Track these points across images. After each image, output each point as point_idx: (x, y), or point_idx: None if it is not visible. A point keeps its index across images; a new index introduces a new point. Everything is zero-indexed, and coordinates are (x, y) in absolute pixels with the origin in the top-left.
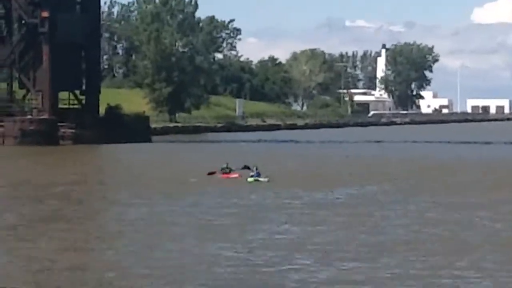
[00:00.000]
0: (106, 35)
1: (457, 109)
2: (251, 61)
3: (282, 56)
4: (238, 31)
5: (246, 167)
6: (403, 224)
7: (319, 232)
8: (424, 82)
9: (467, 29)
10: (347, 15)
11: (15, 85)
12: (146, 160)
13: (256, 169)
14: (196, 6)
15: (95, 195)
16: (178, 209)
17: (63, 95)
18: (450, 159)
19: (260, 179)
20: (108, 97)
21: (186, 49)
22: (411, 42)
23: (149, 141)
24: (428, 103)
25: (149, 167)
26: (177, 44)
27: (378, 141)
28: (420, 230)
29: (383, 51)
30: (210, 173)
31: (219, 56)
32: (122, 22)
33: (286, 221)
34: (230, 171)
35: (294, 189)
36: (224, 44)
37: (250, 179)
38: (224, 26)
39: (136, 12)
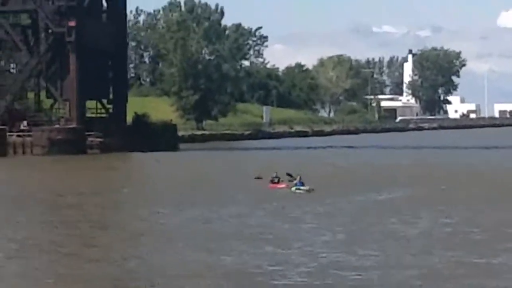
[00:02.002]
0: (133, 43)
1: (485, 113)
2: (278, 68)
3: (309, 62)
4: (264, 38)
5: (289, 175)
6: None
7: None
8: (451, 87)
9: (494, 33)
10: (374, 20)
11: (43, 94)
12: (183, 168)
13: (300, 178)
14: (222, 14)
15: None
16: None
17: (91, 104)
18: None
19: (301, 188)
20: (135, 105)
21: (212, 57)
22: (438, 47)
23: (177, 149)
24: (456, 108)
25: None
26: (203, 51)
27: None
28: None
29: (410, 56)
30: (258, 178)
31: (245, 63)
32: (148, 30)
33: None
34: (279, 180)
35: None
36: (251, 52)
37: (293, 189)
38: (250, 33)
39: (162, 20)
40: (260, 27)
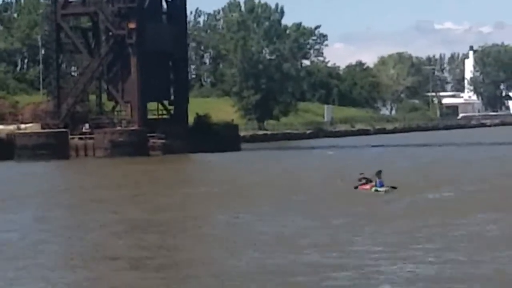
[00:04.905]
0: (193, 44)
1: None
2: (339, 67)
3: (370, 60)
4: (324, 37)
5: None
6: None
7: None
8: None
9: None
10: (436, 17)
11: (104, 97)
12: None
13: (378, 176)
14: (282, 13)
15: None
16: None
17: (152, 105)
18: None
19: (379, 189)
20: (196, 106)
21: (273, 56)
22: (499, 43)
23: (239, 149)
24: None
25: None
26: (264, 51)
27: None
28: None
29: (471, 53)
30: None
31: (306, 62)
32: (209, 31)
33: None
34: (367, 181)
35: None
36: (311, 51)
37: (372, 189)
38: (311, 32)
39: (222, 21)
40: (320, 26)
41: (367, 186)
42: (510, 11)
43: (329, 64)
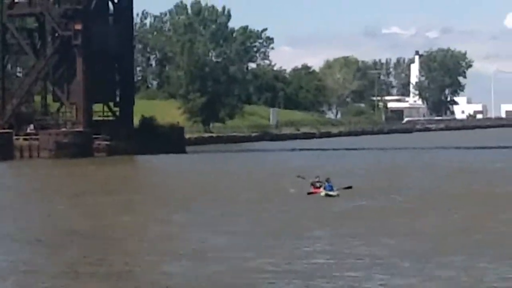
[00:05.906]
0: (139, 46)
1: (492, 114)
2: (285, 70)
3: (317, 64)
4: (271, 40)
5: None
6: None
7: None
8: (458, 88)
9: (501, 34)
10: (384, 22)
11: (49, 98)
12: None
13: (327, 181)
14: (229, 16)
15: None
16: None
17: (97, 107)
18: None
19: (330, 193)
20: (142, 108)
21: (219, 59)
22: (445, 48)
23: (184, 152)
24: (462, 108)
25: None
26: (210, 54)
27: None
28: None
29: (417, 57)
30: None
31: (252, 65)
32: (155, 33)
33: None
34: (320, 186)
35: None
36: (258, 54)
37: (322, 193)
38: (257, 35)
39: (168, 23)
40: (266, 29)
41: (319, 190)
42: (456, 17)
43: (275, 68)
